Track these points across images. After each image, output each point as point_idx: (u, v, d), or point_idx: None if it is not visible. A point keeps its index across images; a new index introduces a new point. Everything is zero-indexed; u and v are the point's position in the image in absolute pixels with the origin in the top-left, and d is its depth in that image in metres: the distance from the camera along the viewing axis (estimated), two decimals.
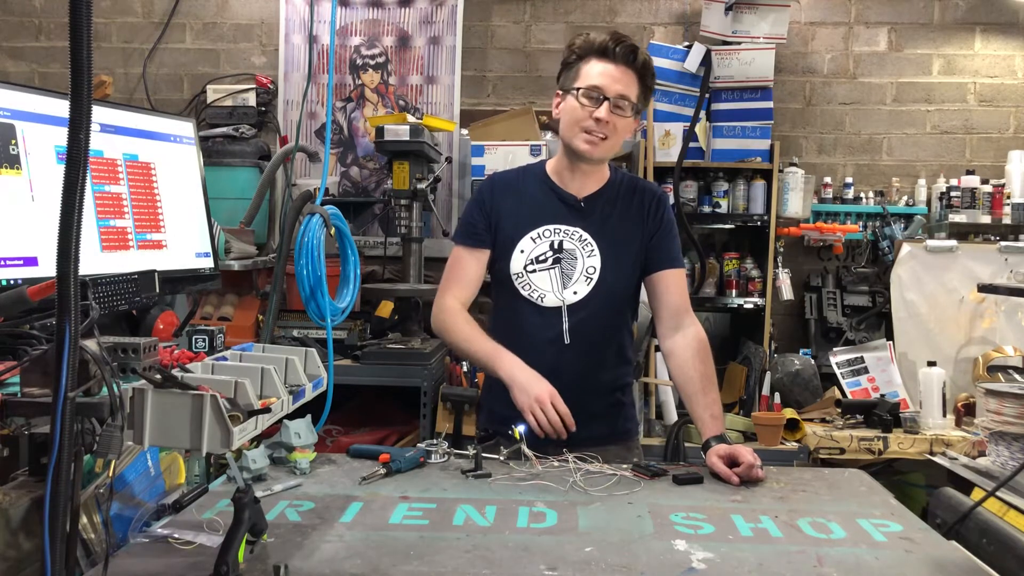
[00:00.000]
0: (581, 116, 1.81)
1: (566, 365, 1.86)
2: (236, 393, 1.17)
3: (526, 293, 1.88)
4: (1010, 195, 3.58)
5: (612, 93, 1.78)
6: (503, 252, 1.90)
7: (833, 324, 3.60)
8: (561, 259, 1.88)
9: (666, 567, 1.19)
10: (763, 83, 3.51)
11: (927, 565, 1.23)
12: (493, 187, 1.95)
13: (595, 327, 1.89)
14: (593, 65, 1.81)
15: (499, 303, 1.95)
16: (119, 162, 2.10)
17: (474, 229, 1.92)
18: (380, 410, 3.27)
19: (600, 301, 1.88)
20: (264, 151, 3.73)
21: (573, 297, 1.87)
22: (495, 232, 1.91)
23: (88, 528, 1.23)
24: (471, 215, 1.94)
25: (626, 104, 1.80)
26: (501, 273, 1.91)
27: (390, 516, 1.38)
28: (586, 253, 1.88)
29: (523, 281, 1.88)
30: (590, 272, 1.87)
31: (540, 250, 1.88)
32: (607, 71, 1.79)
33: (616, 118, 1.80)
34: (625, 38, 1.81)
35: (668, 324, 1.91)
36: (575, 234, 1.88)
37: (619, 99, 1.79)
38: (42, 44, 4.03)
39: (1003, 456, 1.86)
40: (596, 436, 1.84)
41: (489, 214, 1.91)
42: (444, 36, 3.87)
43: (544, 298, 1.88)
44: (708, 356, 1.87)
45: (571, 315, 1.87)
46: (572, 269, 1.87)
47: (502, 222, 1.90)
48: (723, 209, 3.52)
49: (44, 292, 1.25)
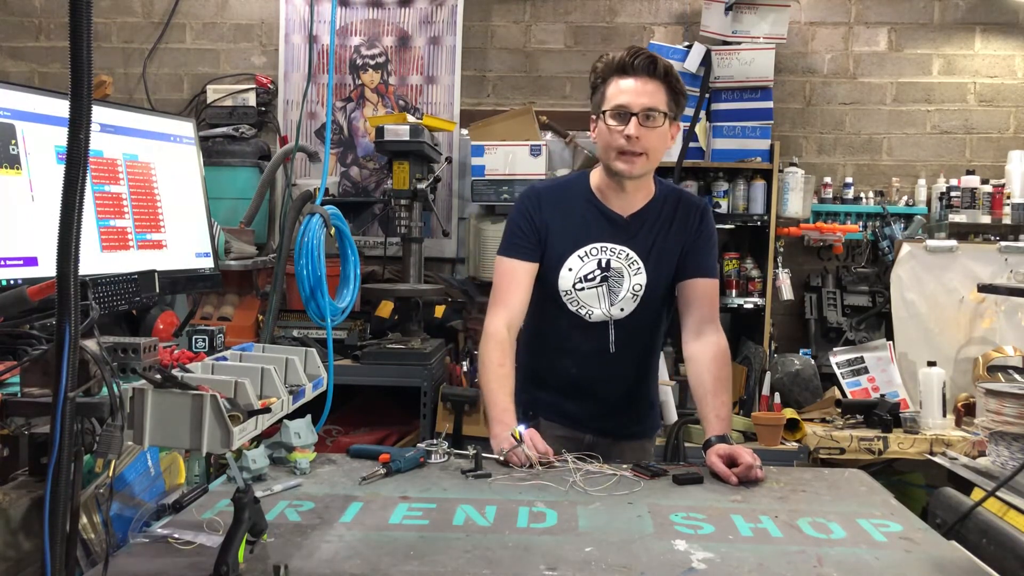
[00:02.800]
0: (613, 137, 1.80)
1: (611, 373, 1.93)
2: (236, 393, 1.17)
3: (574, 309, 1.90)
4: (1010, 195, 3.58)
5: (638, 108, 1.77)
6: (550, 268, 1.90)
7: (833, 324, 3.60)
8: (609, 277, 1.89)
9: (666, 567, 1.19)
10: (763, 83, 3.51)
11: (927, 565, 1.23)
12: (540, 201, 1.93)
13: (639, 337, 1.94)
14: (616, 84, 1.80)
15: (542, 314, 1.94)
16: (119, 162, 2.10)
17: (525, 242, 1.90)
18: (380, 410, 3.27)
19: (645, 314, 1.92)
20: (264, 151, 3.73)
21: (620, 314, 1.90)
22: (544, 247, 1.91)
23: (88, 528, 1.23)
24: (519, 227, 1.91)
25: (656, 115, 1.79)
26: (548, 289, 1.91)
27: (390, 516, 1.38)
28: (632, 272, 1.89)
29: (571, 298, 1.90)
30: (636, 290, 1.90)
31: (588, 268, 1.89)
32: (630, 87, 1.79)
33: (647, 131, 1.78)
34: (642, 51, 1.80)
35: (692, 330, 1.92)
36: (622, 253, 1.89)
37: (646, 112, 1.78)
38: (42, 44, 4.03)
39: (1003, 456, 1.86)
40: (634, 434, 2.01)
41: (538, 228, 1.90)
42: (444, 36, 3.87)
43: (591, 315, 1.90)
44: (725, 362, 1.90)
45: (617, 329, 1.91)
46: (619, 287, 1.89)
47: (550, 238, 1.90)
48: (723, 209, 3.52)
49: (44, 292, 1.25)
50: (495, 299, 1.92)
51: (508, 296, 1.90)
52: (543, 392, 1.98)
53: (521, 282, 1.90)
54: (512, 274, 1.90)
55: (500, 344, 1.86)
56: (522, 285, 1.90)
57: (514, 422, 1.75)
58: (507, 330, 1.88)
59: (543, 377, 1.98)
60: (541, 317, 1.95)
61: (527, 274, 1.90)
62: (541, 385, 1.98)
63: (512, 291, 1.90)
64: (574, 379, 1.95)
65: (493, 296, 1.93)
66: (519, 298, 1.90)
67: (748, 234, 3.67)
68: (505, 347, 1.87)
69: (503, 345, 1.86)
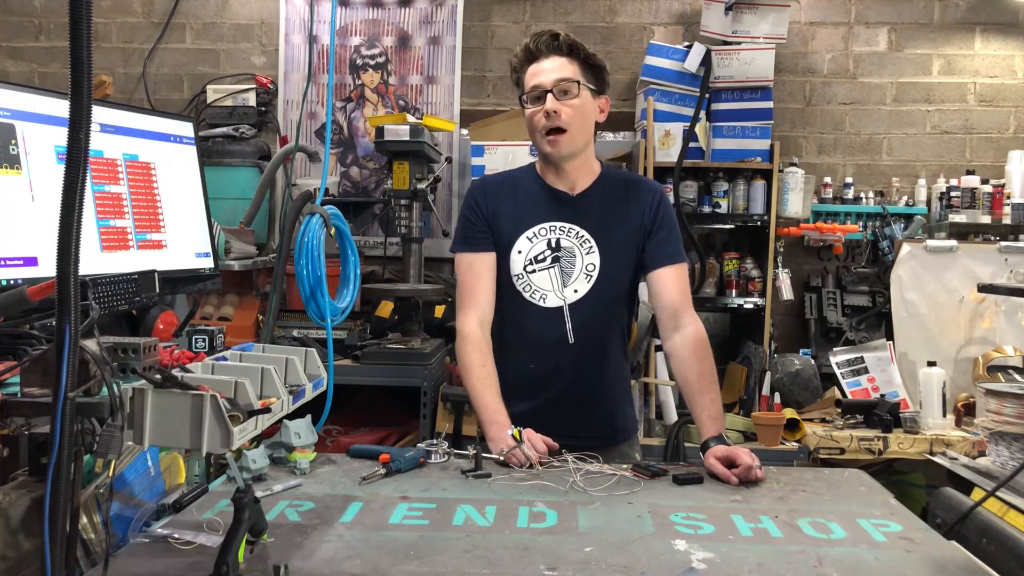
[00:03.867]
0: (535, 119, 1.82)
1: (570, 366, 1.87)
2: (236, 393, 1.17)
3: (527, 295, 1.88)
4: (1010, 195, 3.58)
5: (550, 84, 1.79)
6: (501, 254, 1.89)
7: (833, 324, 3.60)
8: (560, 257, 1.87)
9: (666, 567, 1.19)
10: (763, 83, 3.51)
11: (927, 565, 1.23)
12: (485, 189, 1.94)
13: (597, 326, 1.89)
14: (528, 71, 1.84)
15: (500, 305, 1.93)
16: (119, 162, 2.10)
17: (475, 232, 1.90)
18: (380, 410, 3.27)
19: (601, 298, 1.88)
20: (264, 151, 3.73)
21: (574, 296, 1.87)
22: (493, 233, 1.90)
23: (88, 528, 1.23)
24: (467, 219, 1.92)
25: (569, 85, 1.79)
26: (501, 275, 1.90)
27: (390, 516, 1.38)
28: (585, 250, 1.87)
29: (524, 283, 1.88)
30: (590, 269, 1.87)
31: (538, 249, 1.88)
32: (537, 68, 1.82)
33: (563, 105, 1.79)
34: (544, 32, 1.83)
35: (668, 324, 1.89)
36: (572, 231, 1.87)
37: (558, 85, 1.79)
38: (42, 44, 4.03)
39: (1003, 456, 1.86)
40: (599, 436, 1.86)
41: (485, 215, 1.90)
42: (444, 36, 3.87)
43: (546, 298, 1.87)
44: (706, 354, 1.84)
45: (573, 314, 1.87)
46: (571, 267, 1.87)
47: (499, 223, 1.89)
48: (723, 209, 3.52)
49: (44, 292, 1.25)
50: (462, 299, 1.91)
51: (473, 293, 1.89)
52: (509, 401, 1.83)
53: (482, 275, 1.89)
54: (471, 269, 1.90)
55: (477, 344, 1.85)
56: (484, 278, 1.89)
57: (507, 420, 1.74)
58: (480, 328, 1.87)
59: (507, 378, 1.86)
60: (500, 309, 1.92)
61: (486, 266, 1.89)
62: (506, 391, 1.84)
63: (476, 287, 1.89)
64: (534, 376, 1.89)
65: (459, 296, 1.92)
66: (485, 292, 1.89)
67: (748, 234, 3.68)
68: (483, 346, 1.86)
69: (480, 345, 1.85)
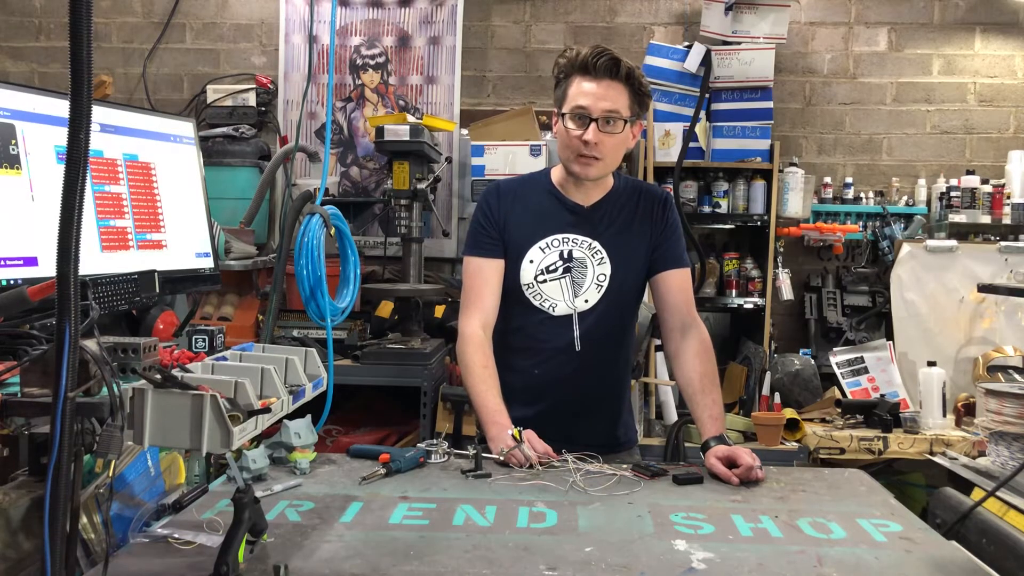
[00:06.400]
0: (571, 139, 1.78)
1: (576, 372, 1.88)
2: (236, 393, 1.17)
3: (537, 303, 1.88)
4: (1010, 195, 3.58)
5: (598, 112, 1.74)
6: (512, 262, 1.88)
7: (833, 324, 3.60)
8: (571, 268, 1.87)
9: (666, 567, 1.19)
10: (763, 83, 3.51)
11: (927, 565, 1.22)
12: (499, 195, 1.92)
13: (605, 332, 1.89)
14: (577, 84, 1.77)
15: (507, 311, 1.92)
16: (119, 162, 2.10)
17: (486, 237, 1.89)
18: (380, 410, 3.27)
19: (610, 307, 1.88)
20: (264, 151, 3.73)
21: (584, 305, 1.87)
22: (504, 240, 1.89)
23: (88, 528, 1.23)
24: (480, 224, 1.91)
25: (615, 119, 1.76)
26: (510, 284, 1.89)
27: (390, 516, 1.37)
28: (596, 261, 1.87)
29: (534, 291, 1.88)
30: (600, 280, 1.87)
31: (550, 260, 1.87)
32: (590, 90, 1.75)
33: (605, 136, 1.76)
34: (607, 51, 1.75)
35: (672, 326, 1.90)
36: (584, 243, 1.87)
37: (606, 116, 1.75)
38: (42, 44, 4.03)
39: (1003, 456, 1.86)
40: (599, 445, 1.81)
41: (497, 222, 1.89)
42: (444, 36, 3.87)
43: (555, 307, 1.88)
44: (709, 356, 1.86)
45: (581, 322, 1.87)
46: (583, 278, 1.87)
47: (510, 231, 1.89)
48: (723, 209, 3.53)
49: (44, 292, 1.25)
50: (466, 301, 1.90)
51: (479, 297, 1.88)
52: (510, 406, 1.83)
53: (490, 280, 1.88)
54: (479, 273, 1.89)
55: (479, 346, 1.85)
56: (491, 283, 1.88)
57: (508, 421, 1.73)
58: (483, 331, 1.86)
59: (509, 383, 1.86)
60: (504, 315, 1.91)
61: (494, 271, 1.88)
62: (507, 396, 1.85)
63: (482, 291, 1.88)
64: (538, 382, 1.89)
65: (464, 298, 1.91)
66: (490, 297, 1.88)
67: (748, 234, 3.68)
68: (484, 348, 1.85)
69: (482, 346, 1.85)
